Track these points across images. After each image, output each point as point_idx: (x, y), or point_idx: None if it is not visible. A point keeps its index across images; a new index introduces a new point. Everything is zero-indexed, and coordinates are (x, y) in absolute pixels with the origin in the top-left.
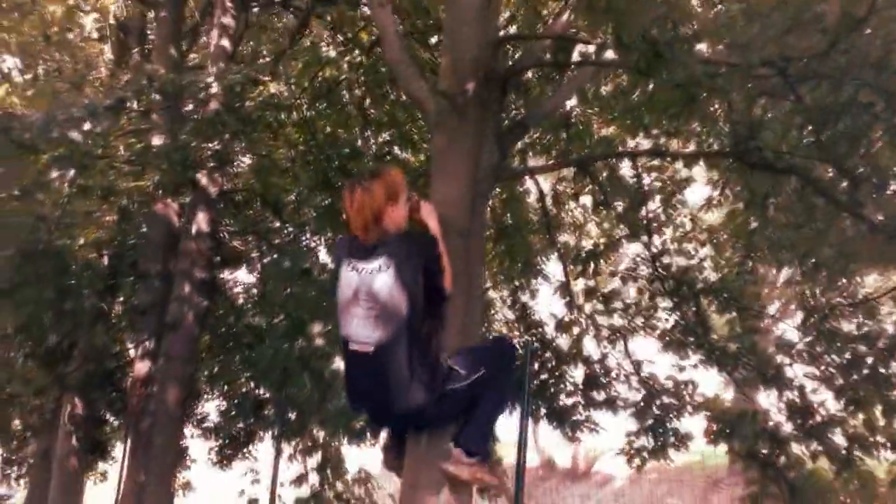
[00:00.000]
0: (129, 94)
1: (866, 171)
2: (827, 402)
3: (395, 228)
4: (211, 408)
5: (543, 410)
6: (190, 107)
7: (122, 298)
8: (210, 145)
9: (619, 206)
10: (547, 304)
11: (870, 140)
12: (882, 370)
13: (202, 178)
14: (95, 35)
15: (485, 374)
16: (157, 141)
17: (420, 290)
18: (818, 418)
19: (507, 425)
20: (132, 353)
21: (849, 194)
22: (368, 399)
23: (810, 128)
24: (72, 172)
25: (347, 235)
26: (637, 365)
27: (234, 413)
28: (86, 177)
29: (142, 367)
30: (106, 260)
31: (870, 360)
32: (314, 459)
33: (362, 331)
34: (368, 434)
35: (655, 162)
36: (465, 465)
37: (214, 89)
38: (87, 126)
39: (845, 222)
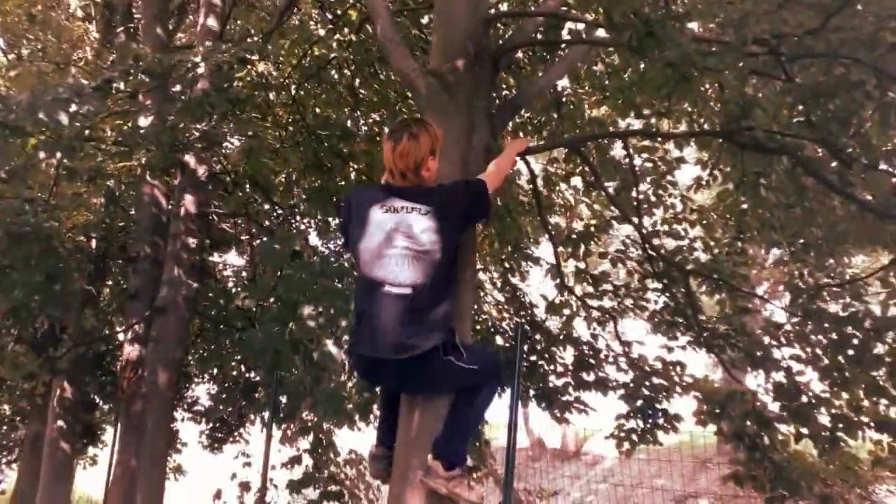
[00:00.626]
0: (115, 75)
1: (857, 151)
2: (812, 382)
3: (429, 181)
4: (202, 391)
5: (533, 392)
6: (178, 87)
7: (111, 282)
8: (198, 126)
9: (610, 187)
10: (537, 286)
11: (861, 119)
12: (868, 351)
13: (190, 160)
14: (80, 14)
15: (475, 374)
16: (143, 122)
17: (455, 244)
18: (804, 399)
19: (497, 407)
20: (122, 336)
21: (839, 174)
22: (383, 344)
23: (801, 107)
24: (58, 155)
25: (370, 184)
26: (627, 346)
27: (224, 396)
28: (73, 159)
29: (132, 351)
30: (94, 243)
31: (856, 340)
32: (306, 442)
33: (400, 273)
34: (359, 417)
35: (646, 142)
36: (442, 478)
37: (202, 69)
38: (73, 108)
39: (835, 202)
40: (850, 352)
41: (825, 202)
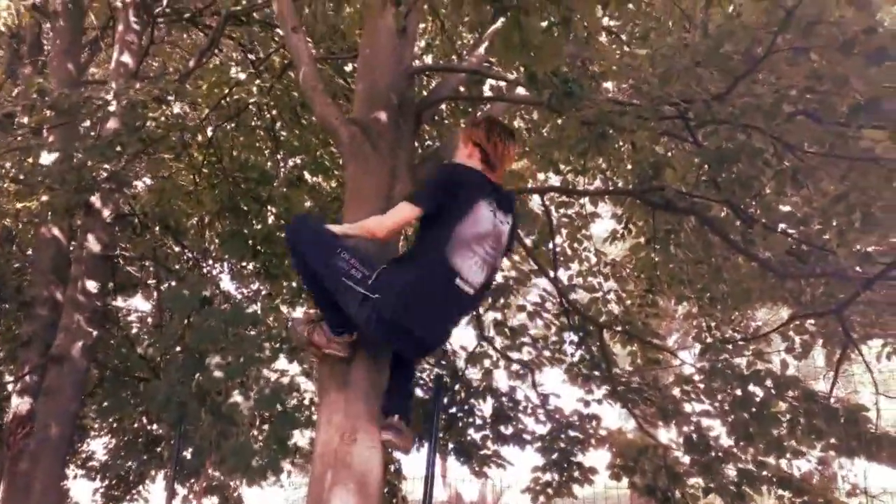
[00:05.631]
0: (18, 109)
1: (758, 213)
2: (720, 437)
3: None
4: (98, 446)
5: (452, 445)
6: (86, 124)
7: (2, 327)
8: (107, 166)
9: (528, 240)
10: (456, 337)
11: (761, 183)
12: (768, 409)
13: (96, 200)
14: None
15: None
16: (46, 159)
17: None
18: (712, 453)
19: (415, 460)
20: (11, 387)
21: (742, 234)
22: (431, 329)
23: (708, 169)
24: None
25: (474, 170)
26: (544, 398)
27: (123, 452)
28: None
29: (21, 404)
30: None
31: (758, 398)
32: (211, 501)
33: (476, 274)
34: (269, 473)
35: (563, 198)
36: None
37: (113, 107)
38: None
39: (740, 260)
40: (753, 409)
41: (730, 259)
